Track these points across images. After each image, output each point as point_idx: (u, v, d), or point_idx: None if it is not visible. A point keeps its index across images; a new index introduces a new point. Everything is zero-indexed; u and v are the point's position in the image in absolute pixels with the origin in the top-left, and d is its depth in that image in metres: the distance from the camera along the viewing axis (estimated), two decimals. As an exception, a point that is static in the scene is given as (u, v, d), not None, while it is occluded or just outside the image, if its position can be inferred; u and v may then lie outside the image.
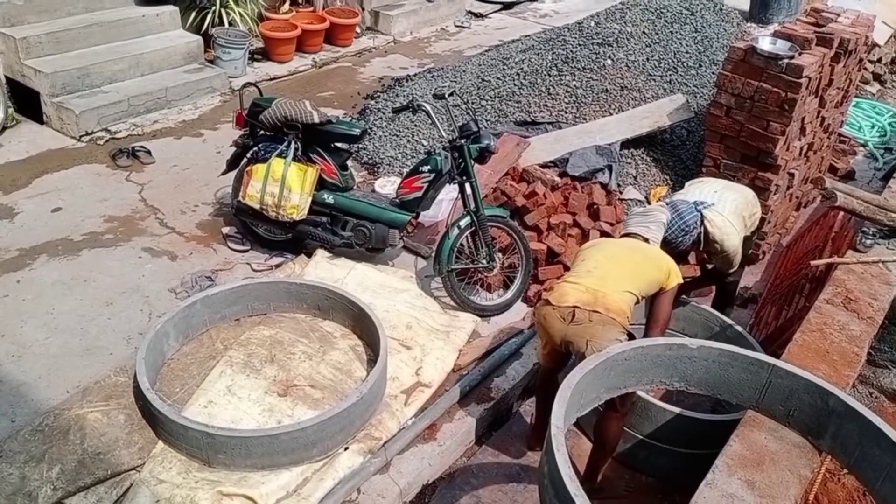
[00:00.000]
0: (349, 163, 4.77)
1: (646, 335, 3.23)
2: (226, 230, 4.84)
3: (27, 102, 5.99)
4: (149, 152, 5.64)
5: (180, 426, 3.07)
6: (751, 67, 4.65)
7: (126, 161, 5.52)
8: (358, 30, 8.50)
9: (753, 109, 4.69)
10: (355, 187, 4.73)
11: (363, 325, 3.90)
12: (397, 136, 6.05)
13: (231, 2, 7.22)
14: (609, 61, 6.22)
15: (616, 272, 3.21)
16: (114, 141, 5.84)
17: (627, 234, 3.54)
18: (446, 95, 4.32)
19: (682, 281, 3.39)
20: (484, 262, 4.31)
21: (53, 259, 4.44)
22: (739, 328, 3.80)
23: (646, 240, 3.47)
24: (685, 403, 3.42)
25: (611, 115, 5.81)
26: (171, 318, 3.65)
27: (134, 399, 3.38)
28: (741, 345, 3.28)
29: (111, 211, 4.96)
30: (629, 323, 3.08)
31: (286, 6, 7.95)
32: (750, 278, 4.85)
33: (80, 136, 5.79)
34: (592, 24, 6.94)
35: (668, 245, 3.61)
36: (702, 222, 3.72)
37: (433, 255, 4.43)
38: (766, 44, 4.68)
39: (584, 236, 4.61)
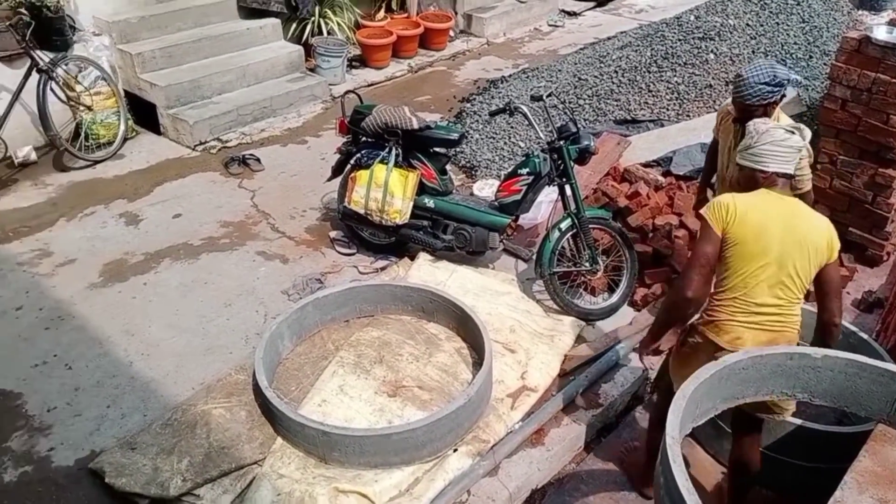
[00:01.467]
0: (448, 167, 4.83)
1: (827, 309, 2.76)
2: (333, 234, 5.00)
3: (145, 114, 6.38)
4: (258, 160, 5.89)
5: (297, 424, 3.21)
6: (866, 58, 4.42)
7: (237, 169, 5.80)
8: (451, 33, 8.59)
9: (871, 102, 4.45)
10: (454, 191, 4.79)
11: (467, 328, 3.95)
12: (494, 138, 6.09)
13: (329, 12, 7.46)
14: (712, 55, 6.05)
15: (794, 290, 2.68)
16: (225, 149, 6.14)
17: (762, 173, 2.71)
18: (543, 97, 4.31)
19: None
20: (587, 264, 4.28)
21: (175, 263, 4.71)
22: (864, 335, 3.61)
23: (790, 177, 2.75)
24: (807, 414, 3.28)
25: (715, 111, 5.65)
26: (286, 320, 3.81)
27: (254, 396, 3.55)
28: (866, 353, 3.13)
29: (226, 217, 5.22)
30: None
31: (381, 13, 8.13)
32: (875, 281, 4.60)
33: (195, 146, 6.12)
34: (692, 18, 6.77)
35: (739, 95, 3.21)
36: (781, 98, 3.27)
37: (534, 257, 4.43)
38: (881, 32, 4.43)
39: (692, 238, 4.51)
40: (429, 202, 4.55)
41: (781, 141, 2.68)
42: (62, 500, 3.16)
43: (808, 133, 2.75)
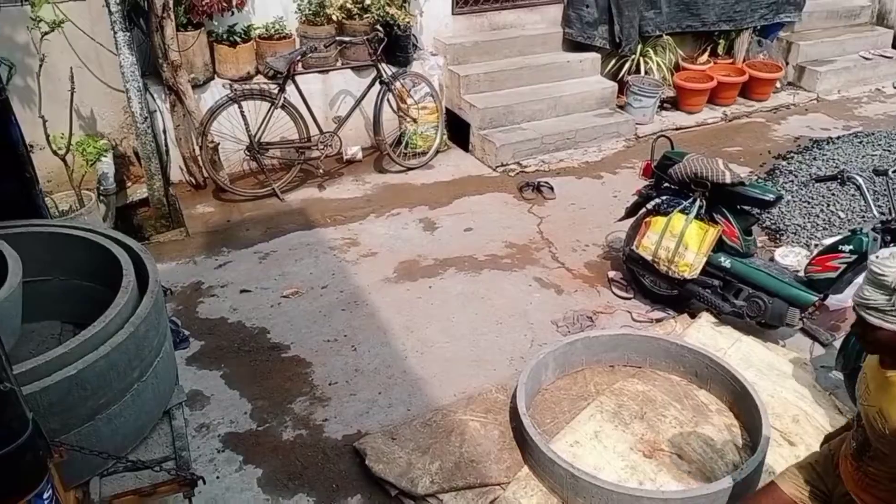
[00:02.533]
0: (753, 228, 4.47)
1: None
2: (611, 274, 4.91)
3: (458, 131, 6.84)
4: (551, 188, 6.00)
5: (548, 458, 3.18)
6: None
7: (531, 194, 5.96)
8: (777, 84, 8.00)
9: None
10: (755, 254, 4.42)
11: (743, 405, 3.61)
12: (809, 203, 5.52)
13: (650, 51, 7.37)
14: None
15: None
16: (523, 174, 6.35)
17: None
18: (889, 172, 3.80)
19: None
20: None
21: (459, 273, 4.97)
22: None
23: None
24: None
25: None
26: (553, 352, 3.81)
27: (509, 418, 3.60)
28: None
29: (512, 238, 5.39)
30: None
31: (704, 57, 7.84)
32: None
33: (496, 167, 6.42)
34: None
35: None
36: None
37: (836, 345, 3.91)
38: None
39: None
40: (725, 262, 4.25)
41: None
42: (325, 470, 3.47)
43: None
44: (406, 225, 5.57)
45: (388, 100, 6.16)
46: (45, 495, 1.92)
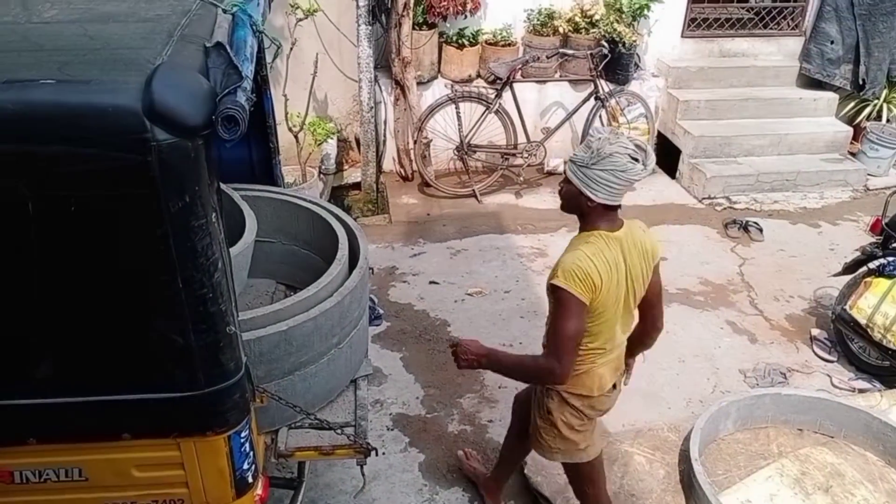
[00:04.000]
0: None
1: (653, 316, 2.70)
2: (815, 332, 4.53)
3: (667, 158, 6.63)
4: (760, 230, 5.65)
5: (713, 511, 3.01)
6: None
7: (736, 233, 5.65)
8: None
9: None
10: None
11: (953, 505, 3.19)
12: None
13: (896, 97, 6.69)
14: None
15: (634, 315, 2.63)
16: (730, 210, 6.03)
17: (589, 201, 2.36)
18: None
19: None
20: None
21: (647, 302, 4.83)
22: None
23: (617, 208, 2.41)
24: None
25: None
26: (737, 401, 3.60)
27: (678, 461, 3.45)
28: None
29: (708, 275, 5.14)
30: None
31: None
32: None
33: (702, 199, 6.16)
34: None
35: None
36: None
37: None
38: None
39: None
40: (955, 340, 3.78)
41: (622, 172, 2.27)
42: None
43: (652, 159, 2.35)
44: (598, 244, 5.49)
45: (600, 116, 6.12)
46: (243, 434, 2.14)
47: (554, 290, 2.38)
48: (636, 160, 2.29)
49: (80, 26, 1.90)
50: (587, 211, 2.38)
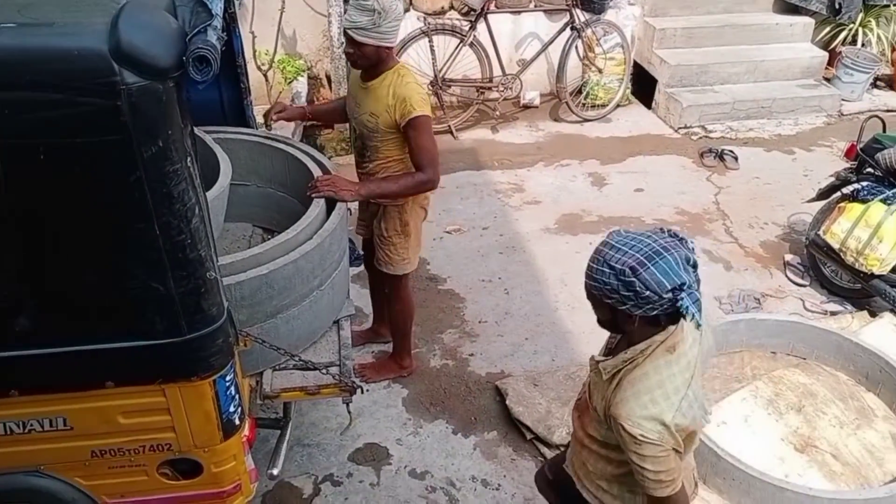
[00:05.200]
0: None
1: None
2: (788, 258, 4.62)
3: (643, 88, 6.59)
4: (735, 158, 5.68)
5: (690, 433, 3.11)
6: None
7: (712, 161, 5.68)
8: None
9: None
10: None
11: (916, 417, 3.33)
12: None
13: (872, 21, 6.66)
14: None
15: None
16: (706, 139, 6.04)
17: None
18: None
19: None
20: None
21: (624, 233, 4.87)
22: None
23: None
24: None
25: None
26: (713, 327, 3.67)
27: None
28: None
29: (684, 205, 5.18)
30: None
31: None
32: None
33: (678, 128, 6.15)
34: None
35: None
36: None
37: None
38: None
39: None
40: (923, 262, 3.87)
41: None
42: (466, 402, 3.61)
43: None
44: (574, 177, 5.50)
45: (575, 47, 6.03)
46: (228, 377, 2.15)
47: (415, 125, 2.84)
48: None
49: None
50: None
